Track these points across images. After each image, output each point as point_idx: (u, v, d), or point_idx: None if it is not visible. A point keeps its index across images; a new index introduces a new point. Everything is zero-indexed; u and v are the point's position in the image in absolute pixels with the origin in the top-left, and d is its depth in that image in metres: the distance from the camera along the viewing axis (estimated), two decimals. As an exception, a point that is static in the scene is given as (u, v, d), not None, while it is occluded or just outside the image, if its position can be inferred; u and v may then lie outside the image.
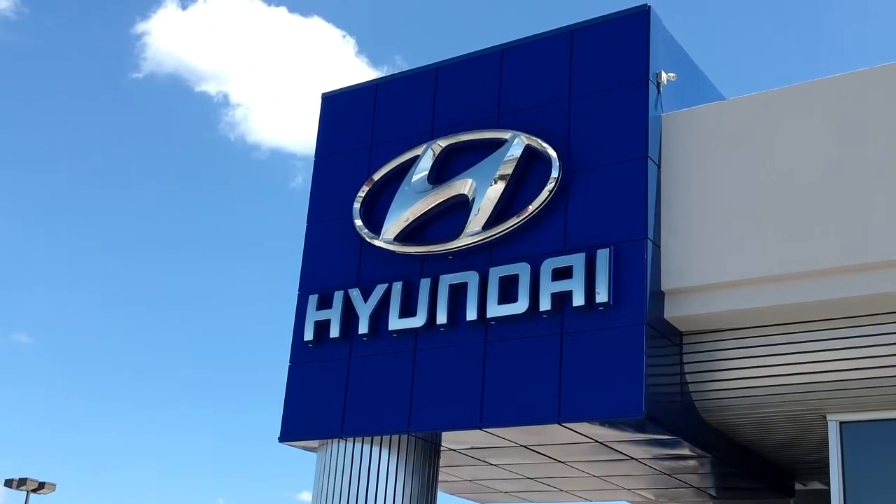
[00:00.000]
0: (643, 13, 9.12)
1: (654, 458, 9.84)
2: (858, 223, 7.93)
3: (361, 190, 10.12)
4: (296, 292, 10.33)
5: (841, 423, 8.86)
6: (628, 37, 9.19)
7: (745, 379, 8.86)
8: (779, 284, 8.27)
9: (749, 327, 8.71)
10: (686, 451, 9.52)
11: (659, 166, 8.86)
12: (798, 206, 8.23)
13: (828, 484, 8.80)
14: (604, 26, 9.41)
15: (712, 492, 11.92)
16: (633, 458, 9.85)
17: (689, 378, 8.94)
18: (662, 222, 8.84)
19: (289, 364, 10.03)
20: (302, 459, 9.53)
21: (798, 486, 11.98)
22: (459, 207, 9.49)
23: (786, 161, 8.45)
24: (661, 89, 9.15)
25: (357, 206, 10.04)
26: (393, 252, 9.65)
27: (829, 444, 8.79)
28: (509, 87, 9.81)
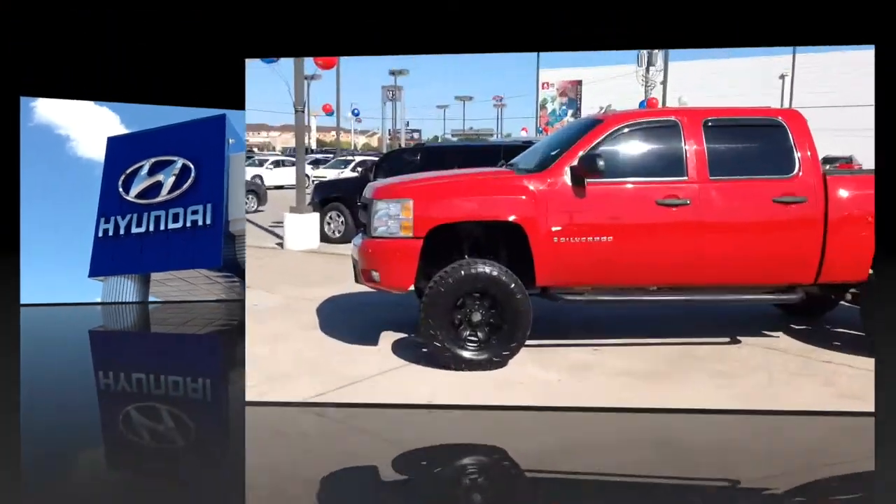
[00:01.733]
0: (223, 116, 20.42)
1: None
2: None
3: (122, 174, 21.46)
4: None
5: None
6: (217, 126, 20.46)
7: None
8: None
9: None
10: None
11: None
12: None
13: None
14: (209, 120, 20.45)
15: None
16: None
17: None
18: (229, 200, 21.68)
19: (92, 249, 20.89)
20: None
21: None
22: (158, 186, 20.41)
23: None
24: (228, 150, 20.96)
25: (120, 182, 21.41)
26: (133, 202, 20.55)
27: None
28: (178, 140, 21.13)
